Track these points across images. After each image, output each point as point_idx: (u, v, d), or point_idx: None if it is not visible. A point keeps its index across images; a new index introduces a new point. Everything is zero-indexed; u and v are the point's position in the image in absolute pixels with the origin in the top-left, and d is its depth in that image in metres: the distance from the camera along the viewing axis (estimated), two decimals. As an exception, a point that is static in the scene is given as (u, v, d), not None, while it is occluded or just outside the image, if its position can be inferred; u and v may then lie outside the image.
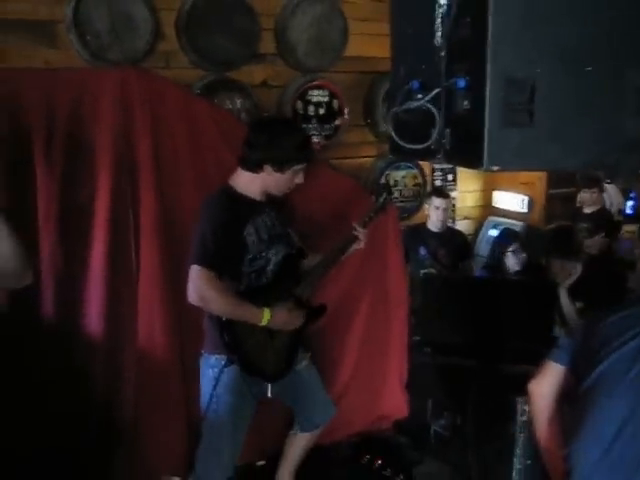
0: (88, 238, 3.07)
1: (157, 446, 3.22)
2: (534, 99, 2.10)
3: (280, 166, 2.83)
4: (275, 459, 3.42)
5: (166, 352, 3.19)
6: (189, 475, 2.99)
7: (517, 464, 2.90)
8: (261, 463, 3.64)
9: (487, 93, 2.08)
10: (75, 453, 3.01)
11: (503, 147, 2.15)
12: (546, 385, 2.27)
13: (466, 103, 2.22)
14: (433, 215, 4.91)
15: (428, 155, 2.46)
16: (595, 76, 2.14)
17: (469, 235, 5.75)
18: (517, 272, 4.27)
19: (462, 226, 5.83)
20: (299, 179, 2.93)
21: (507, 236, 4.56)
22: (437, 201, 4.91)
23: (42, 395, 2.95)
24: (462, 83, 2.22)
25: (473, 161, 2.19)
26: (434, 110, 2.30)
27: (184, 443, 3.22)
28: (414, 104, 2.39)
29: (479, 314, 3.63)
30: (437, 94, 2.30)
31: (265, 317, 2.80)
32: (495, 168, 2.16)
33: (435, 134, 2.32)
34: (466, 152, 2.26)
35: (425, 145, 2.37)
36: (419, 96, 2.38)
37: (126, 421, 3.16)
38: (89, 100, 3.02)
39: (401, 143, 2.47)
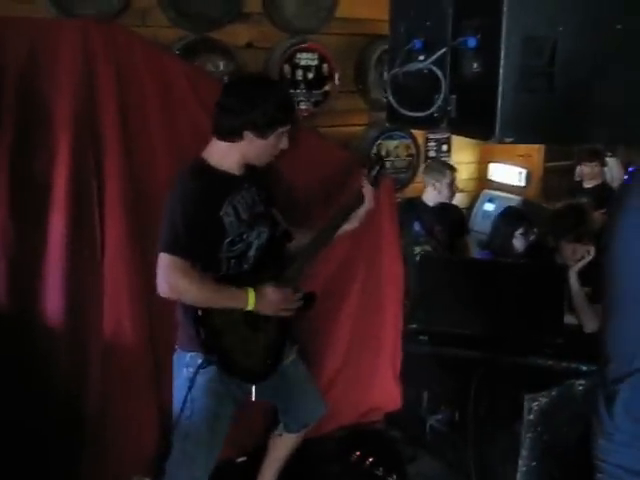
0: (45, 214, 2.75)
1: (126, 444, 2.97)
2: (555, 62, 1.90)
3: (262, 131, 2.51)
4: (257, 455, 3.18)
5: (135, 344, 2.91)
6: (158, 480, 2.72)
7: (522, 466, 2.74)
8: (242, 459, 3.40)
9: (501, 54, 1.88)
10: (36, 448, 2.76)
11: (518, 116, 1.95)
12: None
13: (476, 65, 2.03)
14: (447, 191, 4.71)
15: (430, 124, 2.27)
16: (626, 35, 1.92)
17: (463, 209, 5.54)
18: (522, 254, 4.03)
19: (456, 200, 5.59)
20: (283, 144, 2.61)
21: (513, 216, 4.31)
22: (452, 175, 4.74)
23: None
24: (472, 42, 2.01)
25: (483, 131, 2.01)
26: (439, 73, 2.10)
27: (155, 443, 2.97)
28: (416, 66, 2.18)
29: (481, 300, 3.36)
30: (442, 55, 2.11)
31: (250, 299, 2.51)
32: (508, 140, 1.97)
33: (439, 100, 2.13)
34: (475, 121, 2.06)
35: (427, 113, 2.18)
36: (421, 57, 2.18)
37: (92, 418, 2.91)
38: (45, 54, 2.69)
39: (400, 110, 2.27)
